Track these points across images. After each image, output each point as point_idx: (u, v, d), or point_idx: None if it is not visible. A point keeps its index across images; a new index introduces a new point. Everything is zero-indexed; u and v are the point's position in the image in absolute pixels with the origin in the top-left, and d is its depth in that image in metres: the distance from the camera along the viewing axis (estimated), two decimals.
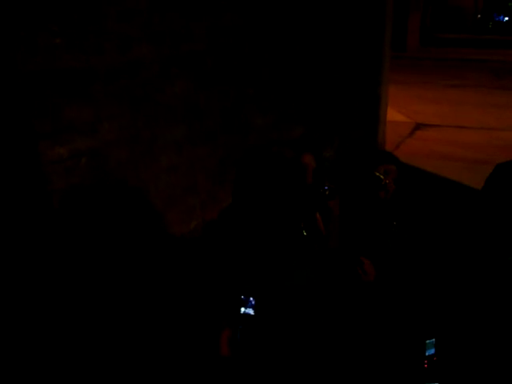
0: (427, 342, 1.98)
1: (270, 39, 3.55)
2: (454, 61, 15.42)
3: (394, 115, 7.30)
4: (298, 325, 1.89)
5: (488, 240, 2.61)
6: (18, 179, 1.95)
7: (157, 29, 2.48)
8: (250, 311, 1.75)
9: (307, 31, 4.10)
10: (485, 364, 2.11)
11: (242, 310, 1.75)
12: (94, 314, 2.09)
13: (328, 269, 2.06)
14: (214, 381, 1.87)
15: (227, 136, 3.16)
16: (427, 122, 7.66)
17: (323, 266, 2.04)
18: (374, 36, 5.65)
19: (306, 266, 1.97)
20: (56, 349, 1.98)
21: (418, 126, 7.50)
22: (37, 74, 1.92)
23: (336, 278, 2.07)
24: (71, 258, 2.08)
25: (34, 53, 1.90)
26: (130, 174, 2.42)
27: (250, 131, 3.41)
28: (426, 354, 1.97)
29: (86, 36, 2.11)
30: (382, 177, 2.81)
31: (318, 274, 1.98)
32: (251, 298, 1.75)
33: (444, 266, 2.64)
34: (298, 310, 1.90)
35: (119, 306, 2.18)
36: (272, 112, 3.71)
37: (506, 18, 32.29)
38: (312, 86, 4.33)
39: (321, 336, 1.92)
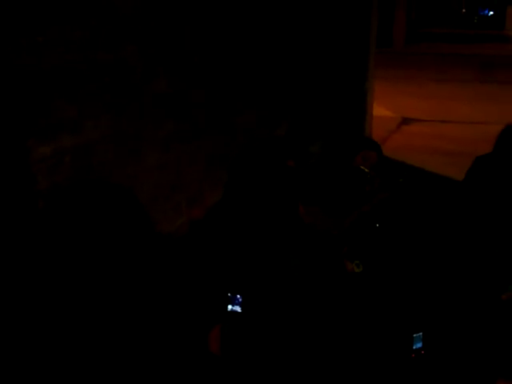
0: (414, 335, 2.00)
1: (257, 37, 3.55)
2: (439, 56, 15.50)
3: (381, 110, 7.33)
4: (285, 320, 1.90)
5: (470, 232, 2.64)
6: (4, 180, 1.94)
7: (142, 28, 2.47)
8: (237, 308, 1.75)
9: (294, 29, 4.10)
10: (471, 357, 2.12)
11: (229, 307, 1.75)
12: (83, 312, 2.08)
13: (315, 263, 2.06)
14: (204, 379, 1.87)
15: (214, 133, 3.15)
16: (413, 117, 7.70)
17: (310, 260, 2.04)
18: (360, 32, 5.66)
19: (295, 260, 1.98)
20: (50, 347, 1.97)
21: (404, 121, 7.54)
22: (21, 73, 1.90)
23: (322, 273, 2.07)
24: (59, 257, 2.07)
25: (19, 51, 1.89)
26: (116, 172, 2.40)
27: (237, 128, 3.41)
28: (414, 347, 1.99)
29: (71, 34, 2.10)
30: (366, 170, 2.81)
31: (306, 268, 1.99)
32: (238, 296, 1.75)
33: (430, 260, 2.66)
34: (285, 307, 1.90)
35: (107, 304, 2.17)
36: (259, 109, 3.71)
37: (491, 12, 32.43)
38: (299, 82, 4.33)
39: (308, 332, 1.93)
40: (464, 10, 32.55)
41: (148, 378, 1.99)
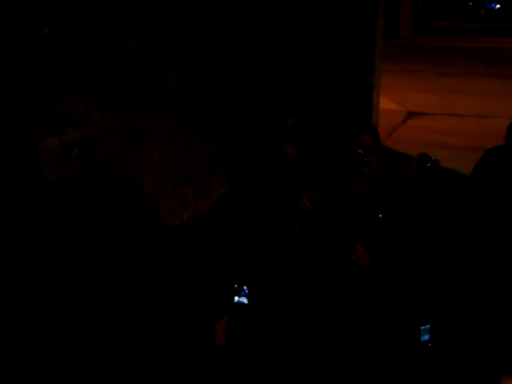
0: (422, 328, 1.99)
1: (263, 30, 3.54)
2: (446, 49, 15.42)
3: (386, 104, 7.29)
4: (292, 313, 1.90)
5: (478, 225, 2.63)
6: (9, 173, 1.94)
7: (148, 20, 2.47)
8: (244, 300, 1.74)
9: (300, 21, 4.09)
10: (479, 350, 2.12)
11: (236, 298, 1.74)
12: (89, 305, 2.09)
13: (321, 253, 2.07)
14: (210, 371, 1.87)
15: (219, 126, 3.15)
16: (419, 111, 7.66)
17: (316, 250, 2.05)
18: (367, 26, 5.65)
19: (300, 250, 1.98)
20: (51, 345, 1.97)
21: (410, 115, 7.50)
22: (27, 66, 1.90)
23: (329, 263, 2.07)
24: (64, 250, 2.08)
25: (24, 44, 1.89)
26: (122, 165, 2.41)
27: (243, 121, 3.40)
28: (421, 340, 1.98)
29: (77, 27, 2.09)
30: (362, 153, 2.83)
31: (311, 259, 1.99)
32: (245, 287, 1.74)
33: (437, 252, 2.65)
34: (292, 298, 1.90)
35: (114, 297, 2.18)
36: (265, 102, 3.70)
37: (498, 6, 32.22)
38: (305, 76, 4.32)
39: (315, 324, 1.93)
40: (471, 3, 32.37)
41: (153, 369, 2.00)
